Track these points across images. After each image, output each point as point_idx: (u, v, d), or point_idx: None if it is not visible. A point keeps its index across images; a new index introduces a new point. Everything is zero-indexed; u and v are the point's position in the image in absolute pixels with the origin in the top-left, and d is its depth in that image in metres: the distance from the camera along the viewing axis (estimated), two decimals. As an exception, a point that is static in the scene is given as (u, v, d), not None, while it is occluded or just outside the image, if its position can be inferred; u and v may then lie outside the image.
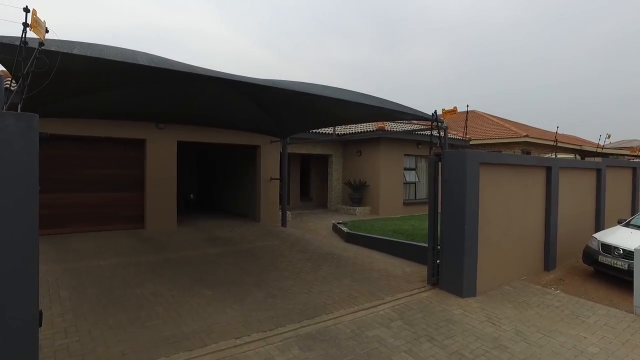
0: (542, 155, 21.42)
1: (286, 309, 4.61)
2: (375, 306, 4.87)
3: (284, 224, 10.38)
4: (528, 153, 20.45)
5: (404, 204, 14.24)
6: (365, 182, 13.90)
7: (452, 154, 5.56)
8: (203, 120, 9.20)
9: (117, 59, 3.48)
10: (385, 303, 4.98)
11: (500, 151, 20.99)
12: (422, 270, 6.47)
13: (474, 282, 5.54)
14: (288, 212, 11.72)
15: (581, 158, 18.01)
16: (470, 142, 16.40)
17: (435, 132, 5.94)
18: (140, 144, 9.11)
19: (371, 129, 13.43)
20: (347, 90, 5.71)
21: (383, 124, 13.52)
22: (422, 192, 15.26)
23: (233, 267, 6.29)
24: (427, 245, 7.11)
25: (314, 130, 12.99)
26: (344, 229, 9.16)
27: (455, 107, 5.42)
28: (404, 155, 14.32)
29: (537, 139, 19.41)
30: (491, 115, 24.48)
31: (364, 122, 11.83)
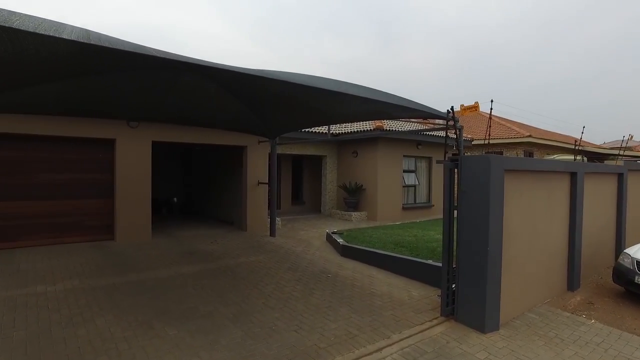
0: (545, 156, 20.68)
1: (269, 356, 3.62)
2: (379, 349, 3.90)
3: (272, 233, 9.38)
4: (530, 154, 19.66)
5: (403, 208, 13.32)
6: (362, 185, 12.94)
7: (473, 160, 4.61)
8: (181, 118, 8.16)
9: (30, 30, 2.46)
10: (391, 345, 4.01)
11: (502, 152, 20.18)
12: (430, 294, 5.54)
13: (497, 312, 4.61)
14: (278, 219, 10.72)
15: (588, 160, 17.28)
16: (472, 143, 15.52)
17: (451, 133, 4.99)
18: (109, 144, 8.04)
19: (368, 128, 12.47)
20: (345, 82, 4.73)
21: (381, 122, 12.56)
22: (422, 196, 14.35)
23: (209, 293, 5.28)
24: (435, 263, 6.19)
25: (306, 130, 12.00)
26: (340, 240, 8.18)
27: (476, 103, 4.48)
28: (403, 156, 13.39)
29: (540, 139, 18.63)
30: (492, 115, 23.73)
31: (363, 120, 10.87)
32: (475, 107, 4.54)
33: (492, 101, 5.41)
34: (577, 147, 8.19)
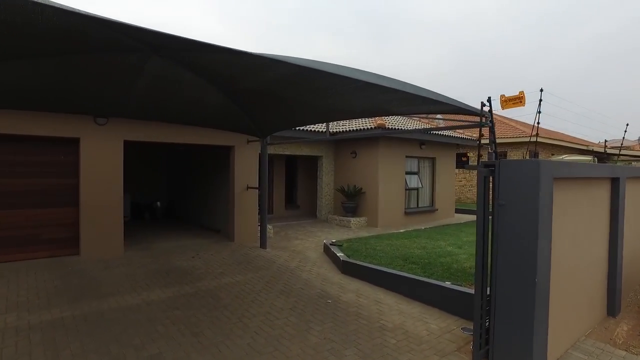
0: (550, 157, 19.84)
1: None
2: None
3: (263, 244, 8.34)
4: (536, 154, 18.84)
5: (406, 213, 12.34)
6: (361, 188, 11.94)
7: (515, 165, 3.62)
8: (157, 114, 7.09)
9: None
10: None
11: (506, 152, 19.33)
12: (451, 326, 4.56)
13: (544, 356, 3.65)
14: (269, 227, 9.68)
15: (598, 160, 16.53)
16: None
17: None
18: (72, 144, 6.94)
19: (369, 127, 11.47)
20: (353, 68, 3.71)
21: (383, 120, 11.57)
22: (426, 200, 13.40)
23: (181, 330, 4.23)
24: (454, 287, 5.20)
25: (300, 128, 10.97)
26: (340, 254, 7.17)
27: (521, 93, 3.49)
28: (406, 157, 12.41)
29: (547, 138, 17.81)
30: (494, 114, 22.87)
31: (369, 117, 9.80)
32: (519, 99, 3.56)
33: (541, 90, 4.37)
34: (606, 149, 7.19)
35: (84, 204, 6.88)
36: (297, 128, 10.90)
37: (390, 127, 11.35)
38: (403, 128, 11.84)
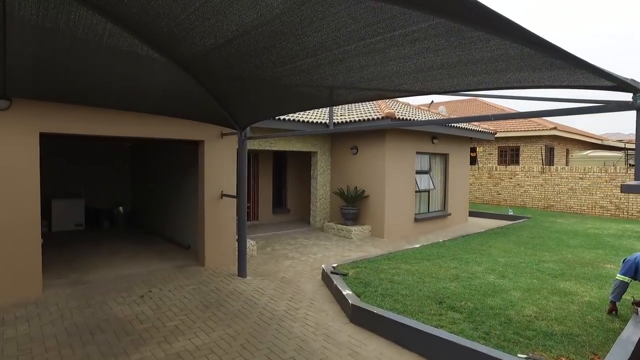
0: (574, 152, 18.18)
1: None
2: None
3: (242, 270, 6.30)
4: (551, 149, 17.15)
5: (416, 220, 10.43)
6: (364, 190, 9.97)
7: None
8: (94, 96, 4.94)
9: None
10: None
11: (519, 147, 17.60)
12: None
13: None
14: (251, 242, 7.65)
15: (626, 157, 14.93)
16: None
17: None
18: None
19: (373, 117, 9.46)
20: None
21: (391, 109, 9.58)
22: (437, 203, 11.51)
23: None
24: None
25: (290, 117, 8.92)
26: (347, 291, 5.18)
27: None
28: (416, 153, 10.47)
29: (565, 132, 16.13)
30: (502, 107, 21.11)
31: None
32: None
33: None
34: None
35: (-22, 224, 4.75)
36: (286, 118, 8.85)
37: (400, 117, 9.36)
38: (412, 119, 9.86)
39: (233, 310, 4.92)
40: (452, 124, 10.61)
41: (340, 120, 10.12)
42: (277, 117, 8.54)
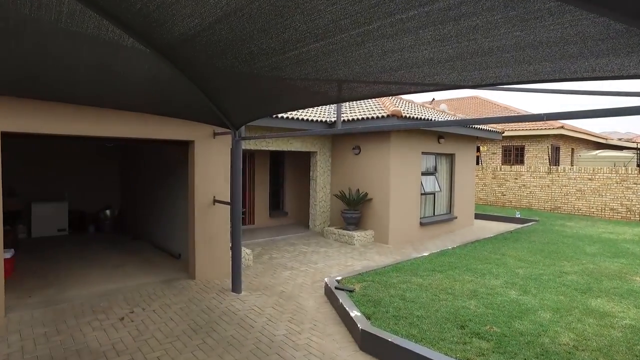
0: (580, 151, 17.68)
1: None
2: None
3: (236, 284, 5.68)
4: (557, 148, 16.65)
5: (421, 224, 9.86)
6: (366, 193, 9.39)
7: None
8: (59, 91, 4.29)
9: None
10: None
11: (523, 146, 17.08)
12: None
13: None
14: (246, 252, 7.05)
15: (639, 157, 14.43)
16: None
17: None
18: None
19: (377, 115, 8.86)
20: None
21: (396, 106, 8.99)
22: (442, 206, 10.94)
23: None
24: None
25: (289, 116, 8.32)
26: (355, 313, 4.58)
27: None
28: (422, 153, 9.89)
29: (572, 131, 15.62)
30: (506, 105, 20.57)
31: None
32: None
33: None
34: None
35: None
36: (285, 116, 8.23)
37: (407, 115, 8.76)
38: (420, 117, 9.27)
39: (226, 335, 4.30)
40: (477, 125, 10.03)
41: (345, 118, 9.51)
42: (274, 115, 7.92)
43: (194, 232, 6.06)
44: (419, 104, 12.47)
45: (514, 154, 17.23)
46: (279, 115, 8.01)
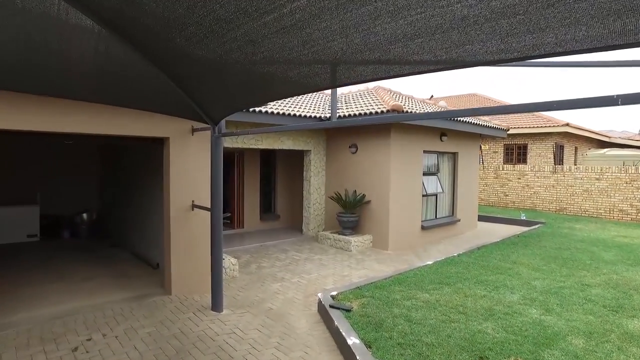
0: (586, 151, 17.10)
1: None
2: None
3: (216, 303, 4.96)
4: (561, 147, 16.05)
5: (422, 228, 9.18)
6: (364, 195, 8.69)
7: None
8: (18, 80, 3.53)
9: None
10: None
11: (526, 144, 16.47)
12: None
13: None
14: (232, 262, 6.33)
15: None
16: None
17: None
18: None
19: (377, 110, 8.16)
20: None
21: (396, 101, 8.31)
22: (445, 208, 10.28)
23: None
24: None
25: (279, 111, 7.61)
26: (353, 339, 3.89)
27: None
28: (424, 152, 9.21)
29: (577, 129, 15.03)
30: (505, 102, 19.97)
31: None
32: None
33: None
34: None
35: None
36: (274, 111, 7.52)
37: (408, 110, 8.08)
38: (423, 111, 8.58)
39: (198, 370, 3.59)
40: (467, 120, 9.37)
41: (341, 114, 8.80)
42: (262, 110, 7.20)
43: (170, 241, 5.33)
44: (418, 99, 11.79)
45: (516, 153, 16.61)
46: (268, 111, 7.31)
